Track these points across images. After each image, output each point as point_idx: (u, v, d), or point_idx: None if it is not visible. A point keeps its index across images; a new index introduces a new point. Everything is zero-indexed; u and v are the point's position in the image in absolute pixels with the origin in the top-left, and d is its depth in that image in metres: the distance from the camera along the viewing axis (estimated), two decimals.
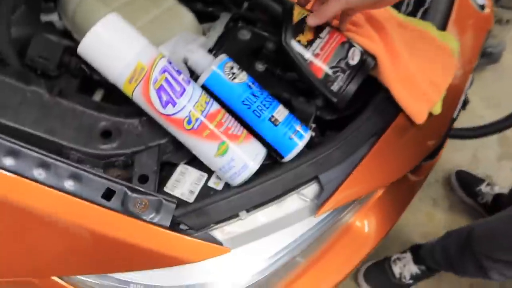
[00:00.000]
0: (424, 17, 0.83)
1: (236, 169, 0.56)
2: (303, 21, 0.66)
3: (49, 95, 0.57)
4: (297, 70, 0.66)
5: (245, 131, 0.59)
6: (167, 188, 0.60)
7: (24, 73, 0.58)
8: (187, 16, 0.71)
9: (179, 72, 0.55)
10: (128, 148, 0.58)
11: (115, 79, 0.54)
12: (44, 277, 0.54)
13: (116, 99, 0.58)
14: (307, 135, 0.62)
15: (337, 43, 0.67)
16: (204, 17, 0.76)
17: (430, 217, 1.54)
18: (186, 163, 0.63)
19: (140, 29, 0.61)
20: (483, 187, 1.59)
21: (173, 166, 0.63)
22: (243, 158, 0.56)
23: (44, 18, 0.78)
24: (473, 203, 1.60)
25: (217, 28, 0.72)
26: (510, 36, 1.88)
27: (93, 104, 0.59)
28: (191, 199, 0.60)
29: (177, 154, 0.61)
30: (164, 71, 0.54)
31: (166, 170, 0.63)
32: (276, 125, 0.60)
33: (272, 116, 0.60)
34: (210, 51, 0.70)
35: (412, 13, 0.83)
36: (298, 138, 0.61)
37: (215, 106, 0.57)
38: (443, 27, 0.80)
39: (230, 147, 0.56)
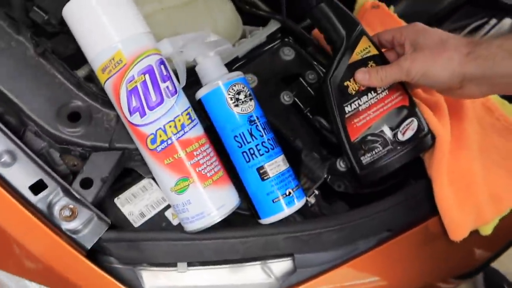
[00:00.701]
0: None
1: (189, 214, 0.45)
2: (363, 62, 0.51)
3: (33, 52, 0.50)
4: (329, 120, 0.53)
5: (221, 172, 0.47)
6: (118, 200, 0.51)
7: (18, 21, 0.51)
8: (228, 11, 0.59)
9: (166, 78, 0.45)
10: (90, 141, 0.49)
11: (91, 59, 0.45)
12: None
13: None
14: (299, 203, 0.49)
15: (394, 106, 0.52)
16: (252, 19, 0.65)
17: None
18: (153, 178, 0.53)
19: (161, 12, 0.52)
20: None
21: (141, 176, 0.54)
22: (203, 204, 0.45)
23: None
24: None
25: (256, 37, 0.60)
26: None
27: (75, 79, 0.51)
28: (136, 223, 0.50)
29: (146, 166, 0.52)
30: (146, 72, 0.44)
31: (133, 177, 0.54)
32: (263, 180, 0.48)
33: (262, 167, 0.48)
34: (237, 60, 0.59)
35: (510, 97, 0.64)
36: (286, 203, 0.49)
37: (196, 132, 0.46)
38: None
39: (191, 187, 0.45)
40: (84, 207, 0.45)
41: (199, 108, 0.50)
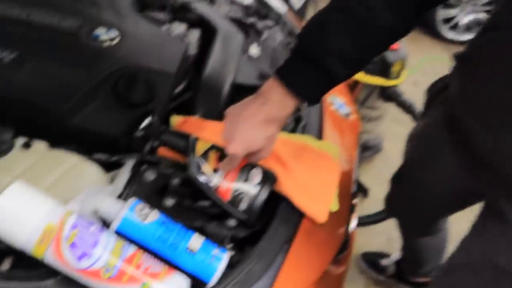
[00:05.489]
0: (303, 131, 0.97)
1: None
2: (207, 153, 0.74)
3: None
4: (207, 197, 0.73)
5: (165, 266, 0.61)
6: None
7: None
8: (92, 170, 0.75)
9: (90, 224, 0.58)
10: None
11: (23, 245, 0.54)
12: None
13: (29, 262, 0.57)
14: (225, 257, 0.66)
15: (239, 168, 0.76)
16: (109, 167, 0.81)
17: None
18: None
19: (46, 191, 0.64)
20: (383, 261, 1.68)
21: None
22: None
23: None
24: (386, 279, 1.68)
25: (123, 175, 0.76)
26: (384, 127, 2.22)
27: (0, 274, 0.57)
28: None
29: None
30: (75, 226, 0.56)
31: None
32: (193, 254, 0.63)
33: (188, 247, 0.63)
34: (120, 197, 0.74)
35: (293, 130, 0.98)
36: (217, 262, 0.64)
37: (132, 249, 0.59)
38: (319, 137, 0.95)
39: (152, 287, 0.57)
40: None
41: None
